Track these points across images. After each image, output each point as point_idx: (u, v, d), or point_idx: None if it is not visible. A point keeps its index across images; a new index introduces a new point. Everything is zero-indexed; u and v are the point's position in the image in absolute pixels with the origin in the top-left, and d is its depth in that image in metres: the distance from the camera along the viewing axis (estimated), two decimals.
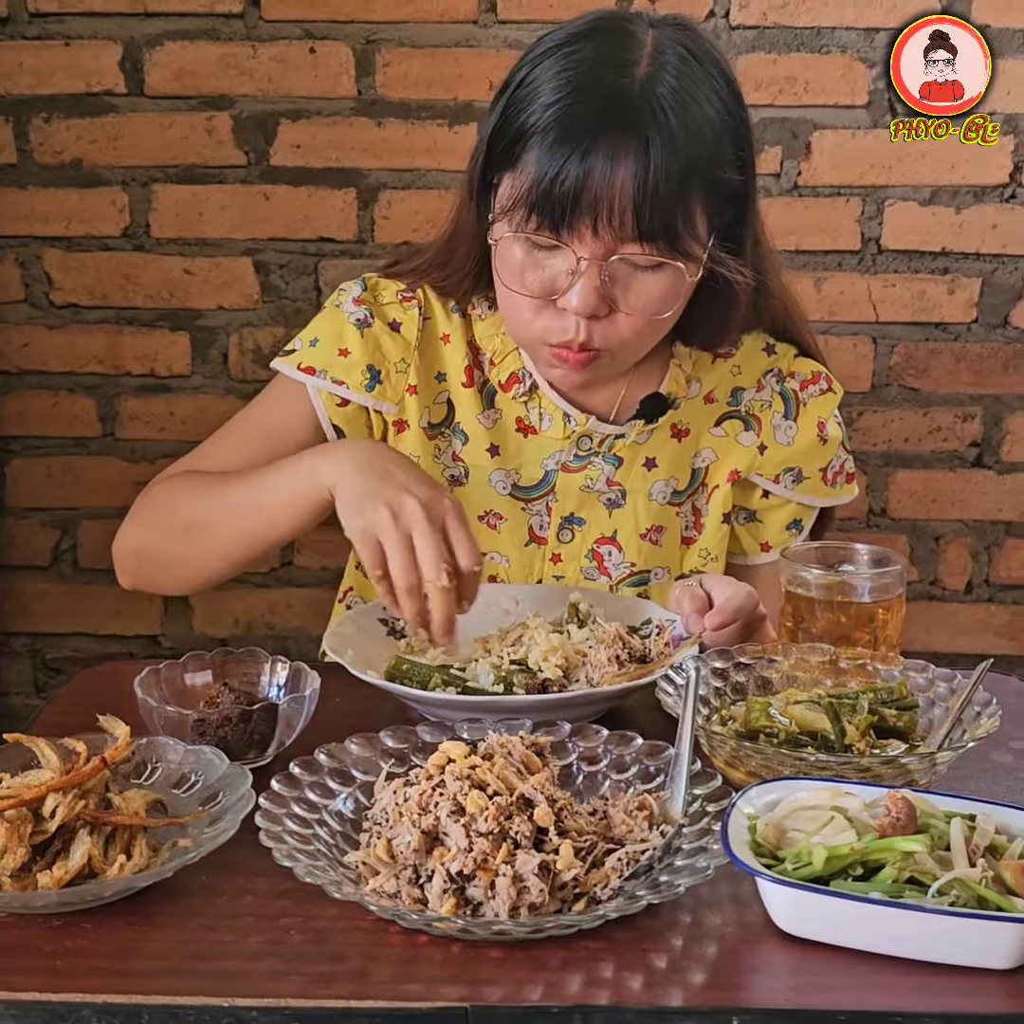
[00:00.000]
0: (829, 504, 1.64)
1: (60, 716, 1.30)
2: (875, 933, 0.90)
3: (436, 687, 1.27)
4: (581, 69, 1.35)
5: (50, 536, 2.49)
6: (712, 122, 1.36)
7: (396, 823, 0.99)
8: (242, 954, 0.92)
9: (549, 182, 1.33)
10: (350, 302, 1.56)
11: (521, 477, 1.57)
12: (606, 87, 1.34)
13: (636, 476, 1.57)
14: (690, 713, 1.05)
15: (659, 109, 1.33)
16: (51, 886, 0.94)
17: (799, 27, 2.28)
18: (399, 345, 1.55)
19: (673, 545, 1.59)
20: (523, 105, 1.37)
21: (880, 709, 1.16)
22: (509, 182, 1.39)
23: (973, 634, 2.52)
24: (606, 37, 1.38)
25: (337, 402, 1.54)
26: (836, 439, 1.60)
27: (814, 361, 1.62)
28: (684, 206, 1.35)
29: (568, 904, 0.95)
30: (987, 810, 0.98)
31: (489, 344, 1.57)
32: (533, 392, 1.55)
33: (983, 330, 2.39)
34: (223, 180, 2.35)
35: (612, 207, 1.32)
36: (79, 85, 2.31)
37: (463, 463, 1.57)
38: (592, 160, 1.31)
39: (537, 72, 1.37)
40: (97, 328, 2.40)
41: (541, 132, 1.34)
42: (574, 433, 1.55)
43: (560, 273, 1.37)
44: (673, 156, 1.32)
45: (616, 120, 1.32)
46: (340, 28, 2.29)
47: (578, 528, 1.57)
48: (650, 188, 1.32)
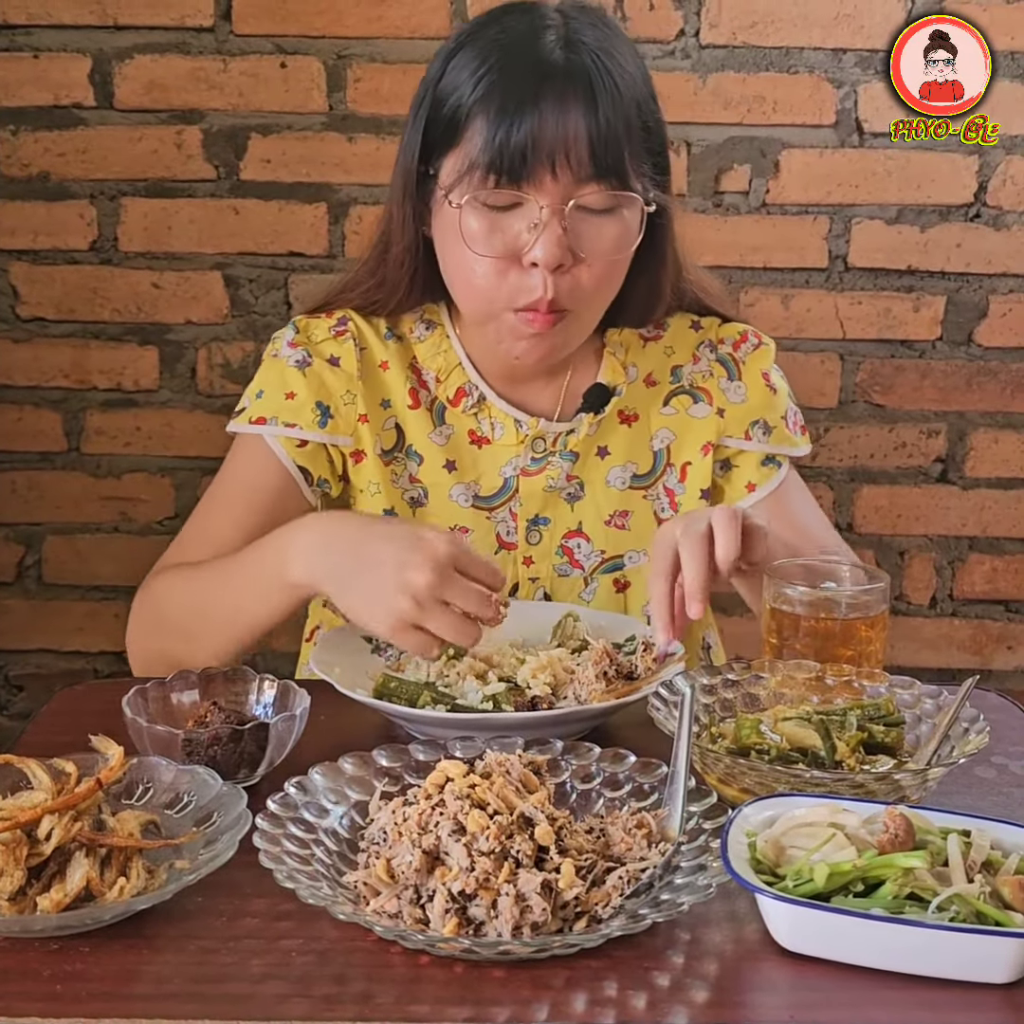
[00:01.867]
0: (798, 454, 1.65)
1: (43, 736, 1.29)
2: (876, 949, 0.91)
3: (425, 704, 1.27)
4: (503, 41, 1.42)
5: (14, 551, 2.47)
6: (637, 69, 1.45)
7: (395, 843, 0.98)
8: (245, 977, 0.92)
9: (505, 135, 1.38)
10: (285, 346, 1.57)
11: (481, 487, 1.58)
12: (534, 48, 1.40)
13: (591, 467, 1.59)
14: (686, 731, 1.06)
15: (590, 55, 1.40)
16: (50, 909, 0.93)
17: (768, 47, 2.31)
18: (341, 378, 1.56)
19: (645, 528, 1.60)
20: (452, 88, 1.42)
21: (868, 725, 1.17)
22: (455, 157, 1.43)
23: (937, 648, 2.55)
24: (517, 15, 1.46)
25: (296, 444, 1.55)
26: (783, 388, 1.65)
27: (737, 323, 1.66)
28: (629, 144, 1.42)
29: (569, 923, 0.95)
30: (981, 826, 0.99)
31: (432, 363, 1.58)
32: (481, 403, 1.58)
33: (948, 348, 2.42)
34: (192, 194, 2.34)
35: (568, 148, 1.38)
36: (47, 97, 2.30)
37: (421, 484, 1.58)
38: (543, 107, 1.38)
39: (458, 59, 1.43)
40: (63, 342, 2.38)
41: (482, 100, 1.39)
42: (527, 437, 1.57)
43: (521, 231, 1.41)
44: (616, 97, 1.40)
45: (555, 70, 1.39)
46: (311, 43, 2.29)
47: (544, 528, 1.59)
48: (601, 126, 1.39)
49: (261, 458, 1.55)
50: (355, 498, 1.59)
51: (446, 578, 1.25)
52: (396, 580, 1.25)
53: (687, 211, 2.36)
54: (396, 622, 1.26)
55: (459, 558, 1.26)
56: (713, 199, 2.37)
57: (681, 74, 2.32)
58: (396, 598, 1.25)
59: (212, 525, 1.55)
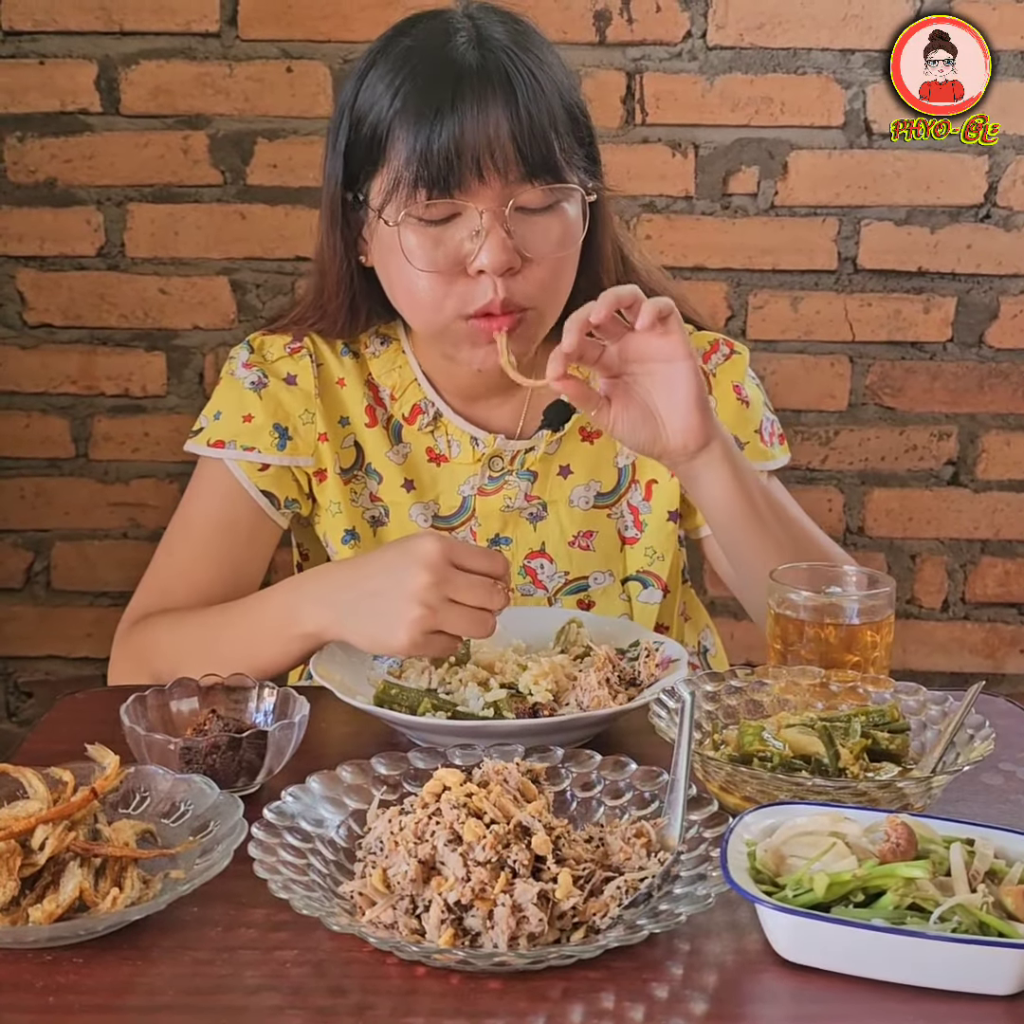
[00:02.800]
0: (773, 467, 1.59)
1: (44, 744, 1.28)
2: (877, 960, 0.90)
3: (426, 712, 1.26)
4: (414, 51, 1.38)
5: (23, 558, 2.47)
6: (554, 59, 1.41)
7: (392, 852, 0.97)
8: (240, 988, 0.91)
9: (424, 144, 1.34)
10: (240, 367, 1.55)
11: (440, 507, 1.56)
12: (445, 53, 1.36)
13: (553, 486, 1.56)
14: (686, 739, 1.05)
15: (504, 51, 1.36)
16: (42, 920, 0.92)
17: (775, 48, 2.30)
18: (298, 397, 1.53)
19: (610, 547, 1.58)
20: (369, 106, 1.39)
21: (872, 732, 1.16)
22: (381, 177, 1.39)
23: (949, 652, 2.53)
24: (424, 24, 1.42)
25: (257, 468, 1.52)
26: (758, 399, 1.59)
27: (708, 332, 1.60)
28: (557, 137, 1.37)
29: (567, 933, 0.94)
30: (985, 834, 0.98)
31: (387, 379, 1.56)
32: (438, 420, 1.55)
33: (958, 349, 2.41)
34: (199, 199, 2.34)
35: (493, 149, 1.34)
36: (54, 104, 2.30)
37: (381, 502, 1.56)
38: (461, 110, 1.34)
39: (371, 76, 1.40)
40: (71, 348, 2.39)
41: (399, 113, 1.36)
42: (484, 455, 1.54)
43: (463, 240, 1.37)
44: (536, 89, 1.36)
45: (470, 71, 1.35)
46: (317, 48, 2.29)
47: (506, 547, 1.56)
48: (524, 122, 1.35)
49: (225, 485, 1.52)
50: (320, 516, 1.57)
51: (446, 576, 1.24)
52: (400, 594, 1.25)
53: (695, 213, 2.35)
54: (414, 633, 1.25)
55: (453, 553, 1.25)
56: (721, 201, 2.35)
57: (688, 76, 2.31)
58: (407, 610, 1.24)
59: (188, 565, 1.51)
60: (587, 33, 2.29)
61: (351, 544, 1.55)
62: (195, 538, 1.53)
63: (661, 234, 2.34)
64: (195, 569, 1.51)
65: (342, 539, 1.55)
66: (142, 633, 1.49)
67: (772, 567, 1.33)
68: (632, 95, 2.31)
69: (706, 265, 2.37)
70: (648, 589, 1.58)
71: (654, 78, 2.31)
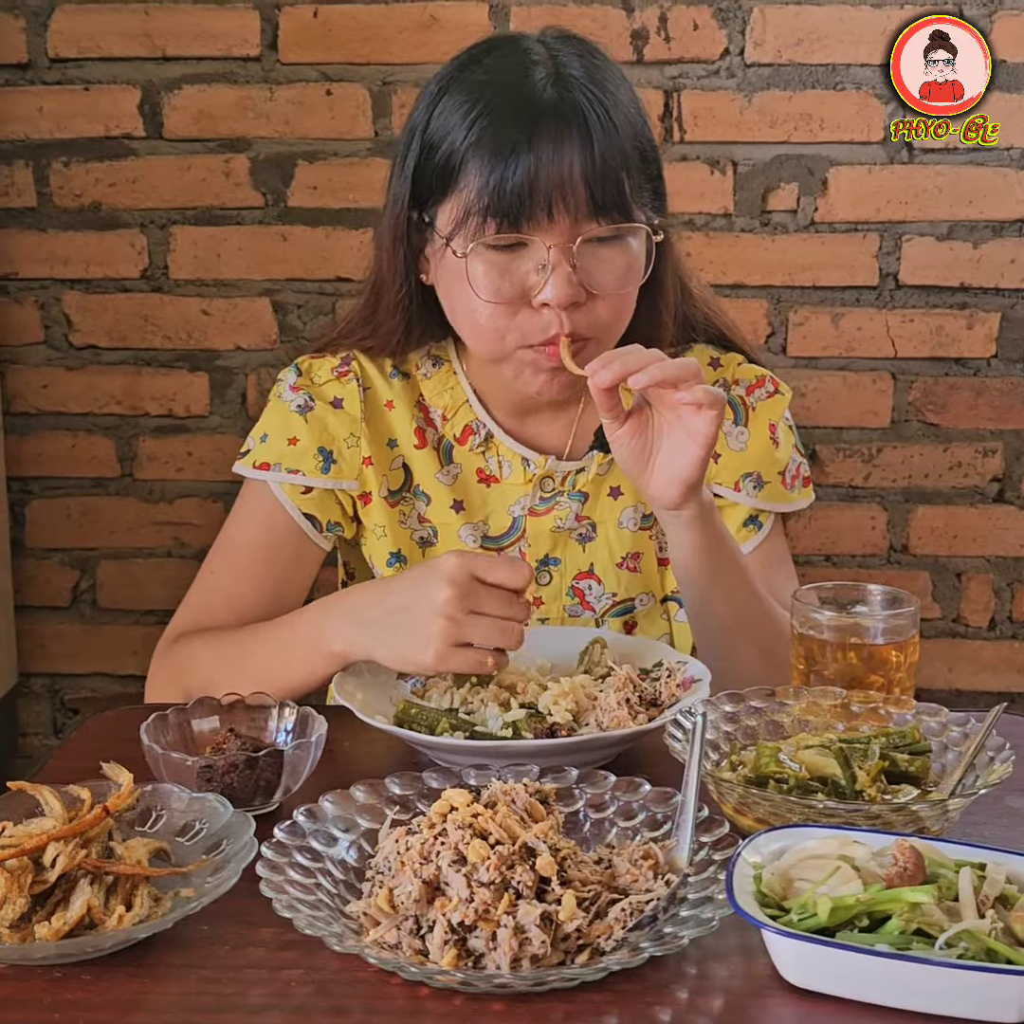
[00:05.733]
0: (789, 510, 1.60)
1: (70, 762, 1.29)
2: (882, 986, 0.88)
3: (444, 732, 1.26)
4: (490, 84, 1.39)
5: (69, 576, 2.50)
6: (628, 96, 1.42)
7: (398, 872, 0.98)
8: (244, 1007, 0.91)
9: (498, 181, 1.35)
10: (288, 390, 1.56)
11: (490, 527, 1.56)
12: (523, 89, 1.37)
13: (603, 507, 1.56)
14: (696, 759, 1.04)
15: (582, 90, 1.37)
16: (49, 937, 0.93)
17: (814, 64, 2.29)
18: (344, 421, 1.54)
19: (652, 568, 1.58)
20: (443, 134, 1.39)
21: (892, 754, 1.15)
22: (451, 205, 1.40)
23: (996, 671, 2.50)
24: (500, 53, 1.43)
25: (301, 491, 1.53)
26: (788, 442, 1.59)
27: (758, 366, 1.61)
28: (628, 177, 1.39)
29: (571, 955, 0.94)
30: (998, 859, 0.96)
31: (439, 400, 1.56)
32: (489, 441, 1.55)
33: (1003, 365, 2.38)
34: (240, 221, 2.37)
35: (565, 190, 1.35)
36: (98, 129, 2.34)
37: (430, 523, 1.56)
38: (537, 149, 1.35)
39: (444, 103, 1.40)
40: (116, 369, 2.42)
41: (474, 147, 1.37)
42: (535, 476, 1.54)
43: (528, 272, 1.38)
44: (612, 131, 1.37)
45: (547, 109, 1.36)
46: (356, 70, 2.31)
47: (555, 568, 1.57)
48: (597, 164, 1.36)
49: (269, 507, 1.53)
50: (365, 538, 1.58)
51: (469, 589, 1.25)
52: (424, 607, 1.26)
53: (734, 231, 2.35)
54: (439, 646, 1.26)
55: (475, 567, 1.26)
56: (761, 218, 2.35)
57: (726, 93, 2.30)
58: (430, 623, 1.26)
59: (230, 586, 1.53)
60: (624, 52, 2.29)
61: (396, 567, 1.56)
62: (237, 559, 1.55)
63: (700, 252, 2.34)
64: (236, 590, 1.52)
65: (387, 562, 1.56)
66: (179, 650, 1.51)
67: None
68: (670, 113, 2.31)
69: (746, 282, 2.36)
70: (683, 609, 1.58)
71: (692, 96, 2.31)
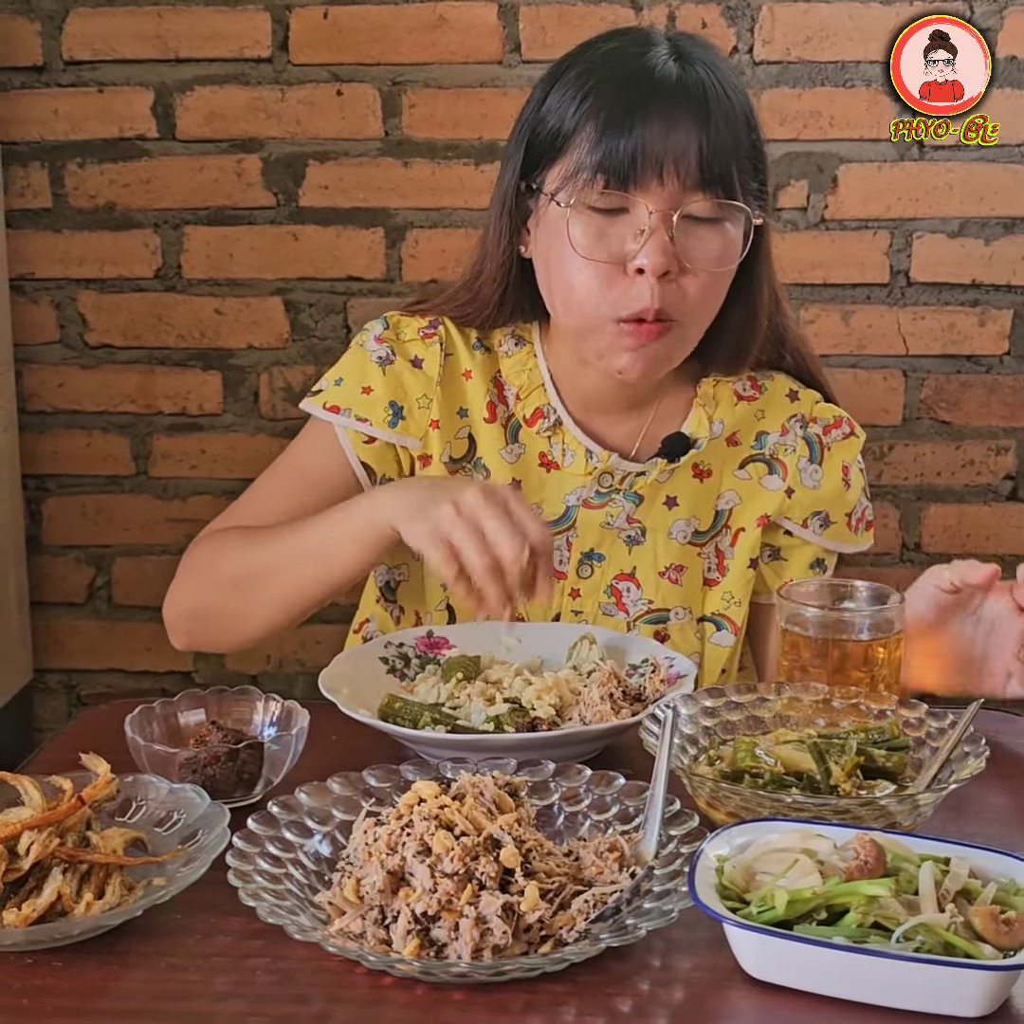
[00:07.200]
0: (852, 551, 1.63)
1: (60, 754, 1.30)
2: (840, 979, 0.89)
3: (426, 725, 1.27)
4: (611, 55, 1.43)
5: (85, 573, 2.52)
6: (743, 92, 1.46)
7: (366, 863, 0.98)
8: (208, 995, 0.93)
9: (614, 139, 1.38)
10: (372, 340, 1.58)
11: (542, 512, 1.56)
12: (644, 60, 1.41)
13: (656, 514, 1.57)
14: (665, 753, 1.05)
15: (703, 69, 1.41)
16: (18, 924, 0.95)
17: (823, 61, 2.28)
18: (421, 381, 1.56)
19: (695, 585, 1.58)
20: (558, 105, 1.43)
21: (869, 749, 1.15)
22: (561, 165, 1.43)
23: None
24: (622, 36, 1.48)
25: (364, 439, 1.55)
26: (859, 484, 1.61)
27: (835, 407, 1.62)
28: (737, 159, 1.42)
29: (535, 946, 0.95)
30: (963, 853, 0.96)
31: (516, 379, 1.58)
32: (557, 427, 1.56)
33: (1015, 362, 2.37)
34: (253, 221, 2.38)
35: (677, 156, 1.38)
36: (112, 130, 2.36)
37: None
38: (654, 114, 1.38)
39: (563, 80, 1.44)
40: (130, 368, 2.44)
41: (591, 109, 1.40)
42: (596, 470, 1.55)
43: (627, 236, 1.40)
44: (730, 111, 1.41)
45: (668, 80, 1.40)
46: (367, 70, 2.32)
47: (597, 564, 1.57)
48: (712, 138, 1.39)
49: (329, 447, 1.56)
50: None
51: (491, 501, 1.29)
52: (447, 495, 1.31)
53: None
54: (432, 527, 1.30)
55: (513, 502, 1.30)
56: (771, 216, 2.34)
57: None
58: (440, 506, 1.30)
59: (264, 504, 1.56)
60: None
61: None
62: (282, 482, 1.58)
63: None
64: (277, 505, 1.54)
65: None
66: (210, 544, 1.54)
67: None
68: None
69: None
70: (721, 632, 1.58)
71: None
